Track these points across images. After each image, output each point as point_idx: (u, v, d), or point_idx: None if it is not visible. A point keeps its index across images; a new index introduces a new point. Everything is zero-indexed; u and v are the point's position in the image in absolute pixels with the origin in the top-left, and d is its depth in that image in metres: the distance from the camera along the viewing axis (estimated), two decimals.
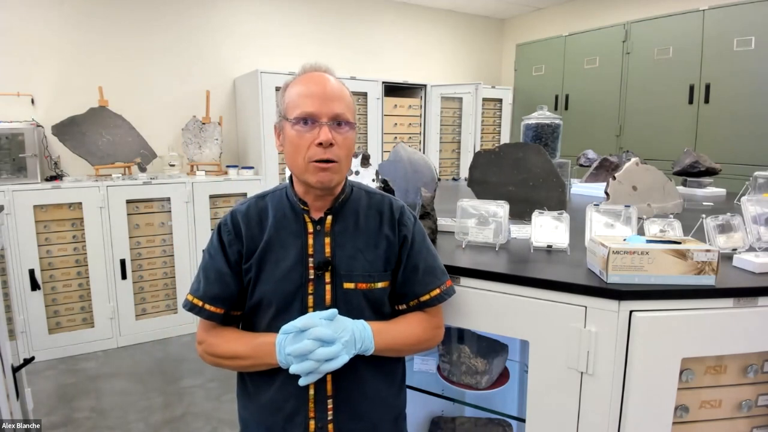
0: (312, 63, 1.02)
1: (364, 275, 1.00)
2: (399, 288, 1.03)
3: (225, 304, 1.00)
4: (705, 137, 3.33)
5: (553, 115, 1.91)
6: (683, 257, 0.96)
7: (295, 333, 0.90)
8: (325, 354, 0.88)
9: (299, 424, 0.98)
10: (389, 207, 1.06)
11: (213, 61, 3.87)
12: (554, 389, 1.03)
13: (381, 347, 0.96)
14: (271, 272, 0.98)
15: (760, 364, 1.03)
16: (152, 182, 3.16)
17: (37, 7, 3.22)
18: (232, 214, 1.03)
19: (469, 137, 4.35)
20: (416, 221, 1.07)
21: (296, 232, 1.01)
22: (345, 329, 0.92)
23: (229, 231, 1.01)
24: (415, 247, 1.03)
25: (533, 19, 5.05)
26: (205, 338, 1.00)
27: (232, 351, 0.98)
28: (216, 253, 1.01)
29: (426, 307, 1.04)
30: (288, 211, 1.02)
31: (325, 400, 0.98)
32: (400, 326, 1.02)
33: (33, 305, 2.88)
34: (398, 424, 1.09)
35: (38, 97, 3.27)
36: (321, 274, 0.98)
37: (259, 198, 1.06)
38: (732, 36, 3.14)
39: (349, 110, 0.99)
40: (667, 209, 1.66)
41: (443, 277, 1.05)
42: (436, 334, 1.06)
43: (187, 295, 1.02)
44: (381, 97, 4.06)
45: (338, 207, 1.02)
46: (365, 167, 1.55)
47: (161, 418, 2.34)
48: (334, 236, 1.01)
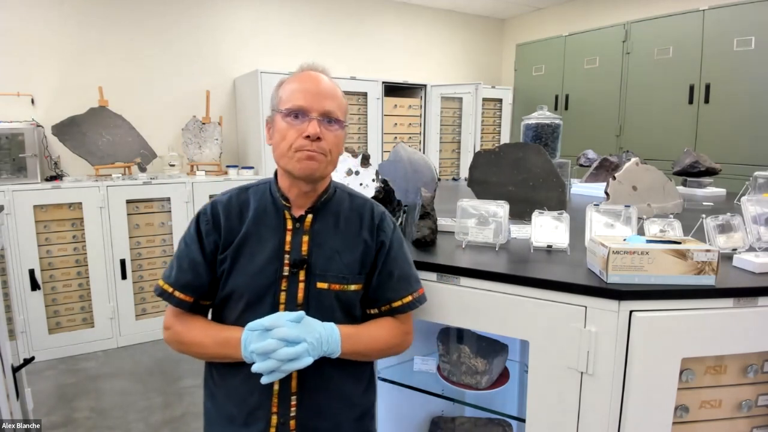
0: (309, 63, 1.04)
1: (338, 276, 1.00)
2: (372, 292, 1.05)
3: (195, 293, 1.00)
4: (705, 137, 3.33)
5: (553, 115, 1.91)
6: (683, 257, 0.96)
7: (261, 331, 0.91)
8: (287, 354, 0.88)
9: (261, 418, 0.98)
10: (370, 211, 1.07)
11: (213, 61, 3.87)
12: (554, 389, 1.03)
13: (348, 351, 0.97)
14: (246, 265, 0.99)
15: (760, 364, 1.03)
16: (152, 182, 3.16)
17: (38, 7, 3.22)
18: (212, 204, 1.04)
19: (469, 137, 4.35)
20: (395, 228, 1.08)
21: (275, 228, 1.01)
22: (311, 331, 0.92)
23: (207, 221, 1.02)
24: (391, 253, 1.05)
25: (533, 19, 5.05)
26: (172, 324, 1.01)
27: (198, 340, 0.99)
28: (192, 242, 1.01)
29: (397, 313, 1.05)
30: (269, 205, 1.03)
31: (288, 397, 0.99)
32: (370, 331, 1.03)
33: (33, 305, 2.88)
34: (364, 423, 1.09)
35: (38, 97, 3.26)
36: (296, 272, 0.99)
37: (242, 190, 1.07)
38: (732, 36, 3.13)
39: (340, 109, 1.00)
40: (667, 209, 1.66)
41: (416, 284, 1.07)
42: (404, 340, 1.07)
43: (158, 281, 1.02)
44: (381, 97, 4.06)
45: (320, 206, 1.03)
46: (365, 167, 1.55)
47: (161, 418, 2.34)
48: (312, 235, 1.01)
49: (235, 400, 1.00)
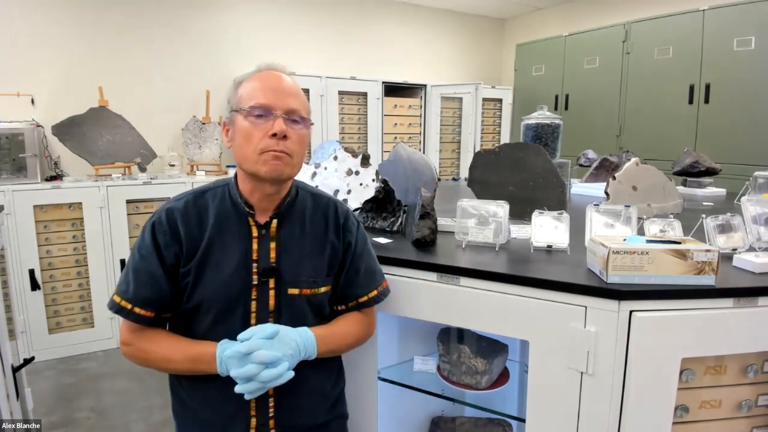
0: (267, 62, 1.01)
1: (308, 281, 1.00)
2: (340, 290, 1.06)
3: (156, 308, 0.94)
4: (705, 137, 3.33)
5: (553, 115, 1.91)
6: (683, 257, 0.96)
7: (239, 357, 0.88)
8: (270, 376, 0.87)
9: (240, 422, 0.98)
10: (334, 211, 1.06)
11: (213, 61, 3.87)
12: (554, 389, 1.03)
13: (323, 351, 0.99)
14: (212, 276, 0.95)
15: (760, 364, 1.03)
16: (152, 182, 3.16)
17: (38, 8, 3.22)
18: (167, 212, 0.96)
19: (469, 137, 4.35)
20: (359, 226, 1.10)
21: (239, 236, 0.97)
22: (289, 343, 0.92)
23: (165, 231, 0.94)
24: (357, 250, 1.06)
25: (533, 19, 5.05)
26: (133, 341, 0.95)
27: (167, 357, 0.94)
28: (149, 254, 0.94)
29: (363, 308, 1.08)
30: (231, 211, 0.98)
31: (267, 400, 0.99)
32: (341, 328, 1.05)
33: (33, 305, 2.87)
34: (336, 408, 1.12)
35: (38, 97, 3.27)
36: (265, 281, 0.97)
37: (198, 195, 1.00)
38: (732, 36, 3.13)
39: (303, 108, 0.97)
40: (667, 209, 1.66)
41: (381, 278, 1.10)
42: (369, 332, 1.12)
43: (113, 296, 0.94)
44: (381, 97, 4.06)
45: (284, 211, 1.00)
46: (365, 167, 1.55)
47: (161, 418, 2.34)
48: (279, 241, 0.99)
49: (211, 407, 0.99)
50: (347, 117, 4.02)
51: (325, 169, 1.57)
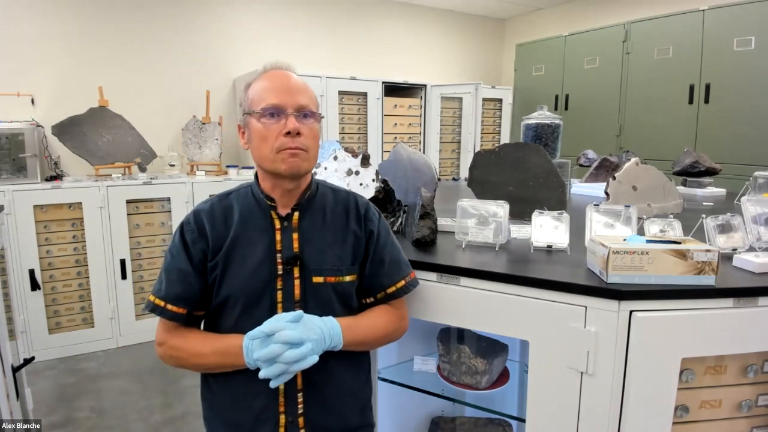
0: (273, 62, 1.03)
1: (332, 269, 1.01)
2: (366, 281, 1.06)
3: (188, 304, 0.98)
4: (705, 137, 3.33)
5: (553, 115, 1.91)
6: (683, 257, 0.96)
7: (263, 338, 0.90)
8: (293, 356, 0.87)
9: (269, 420, 0.98)
10: (355, 203, 1.08)
11: (213, 61, 3.87)
12: (554, 389, 1.03)
13: (350, 342, 0.98)
14: (239, 269, 0.98)
15: (760, 364, 1.03)
16: (152, 182, 3.16)
17: (38, 8, 3.22)
18: (195, 213, 1.02)
19: (469, 137, 4.35)
20: (380, 216, 1.11)
21: (263, 228, 1.01)
22: (313, 329, 0.92)
23: (192, 230, 1.00)
24: (380, 241, 1.06)
25: (533, 19, 5.05)
26: (167, 339, 0.99)
27: (196, 351, 0.97)
28: (178, 253, 0.99)
29: (392, 299, 1.07)
30: (254, 207, 1.02)
31: (295, 395, 0.99)
32: (368, 320, 1.04)
33: (33, 305, 2.88)
34: (364, 414, 1.11)
35: (38, 97, 3.27)
36: (290, 269, 0.99)
37: (223, 197, 1.05)
38: (732, 36, 3.13)
39: (312, 102, 1.00)
40: (667, 209, 1.66)
41: (407, 269, 1.09)
42: (401, 326, 1.09)
43: (148, 296, 1.00)
44: (381, 97, 4.06)
45: (305, 203, 1.03)
46: (365, 167, 1.55)
47: (161, 418, 2.34)
48: (302, 232, 1.02)
49: (240, 406, 0.99)
50: (347, 117, 4.02)
51: (325, 169, 1.57)
